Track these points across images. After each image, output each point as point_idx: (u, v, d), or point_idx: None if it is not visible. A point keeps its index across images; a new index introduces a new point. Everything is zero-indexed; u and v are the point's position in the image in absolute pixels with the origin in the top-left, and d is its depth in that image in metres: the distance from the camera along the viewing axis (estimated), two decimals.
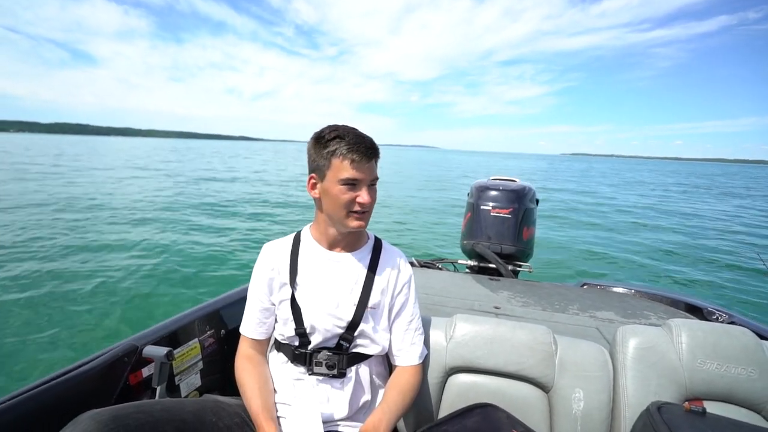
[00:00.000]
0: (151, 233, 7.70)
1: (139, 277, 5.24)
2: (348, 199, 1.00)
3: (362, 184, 1.00)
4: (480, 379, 1.21)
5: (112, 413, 0.80)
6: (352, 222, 1.03)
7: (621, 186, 29.00)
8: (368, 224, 1.07)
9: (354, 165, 0.98)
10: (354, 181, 0.99)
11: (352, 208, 1.01)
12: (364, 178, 1.00)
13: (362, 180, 1.00)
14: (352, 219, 1.03)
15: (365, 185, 1.01)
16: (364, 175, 0.99)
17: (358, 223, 1.03)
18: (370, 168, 1.01)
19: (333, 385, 1.05)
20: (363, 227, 1.05)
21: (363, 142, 0.99)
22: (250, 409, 1.00)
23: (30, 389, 0.96)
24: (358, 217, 1.03)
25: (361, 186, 1.00)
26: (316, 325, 1.05)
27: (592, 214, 13.74)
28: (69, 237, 7.07)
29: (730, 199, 23.10)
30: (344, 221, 1.03)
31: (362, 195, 1.00)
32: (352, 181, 0.99)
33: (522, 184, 3.14)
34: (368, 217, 1.05)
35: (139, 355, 1.21)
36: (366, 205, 1.01)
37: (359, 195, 1.00)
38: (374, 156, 1.01)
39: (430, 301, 2.17)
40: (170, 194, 13.59)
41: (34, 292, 4.53)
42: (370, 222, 1.07)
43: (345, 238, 1.11)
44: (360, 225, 1.04)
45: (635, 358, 1.16)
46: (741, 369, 1.10)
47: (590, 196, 20.09)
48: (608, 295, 2.56)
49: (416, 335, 1.15)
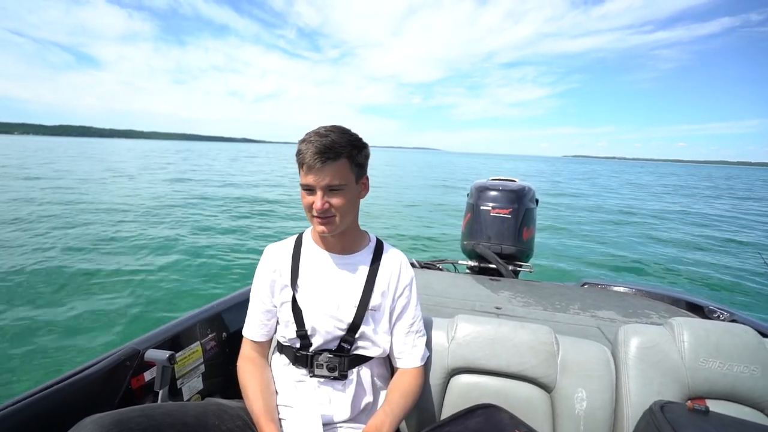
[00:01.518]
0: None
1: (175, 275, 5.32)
2: (307, 204, 1.01)
3: (316, 188, 0.98)
4: (482, 380, 1.21)
5: (115, 417, 0.80)
6: (316, 226, 1.03)
7: (622, 187, 29.02)
8: (335, 231, 1.03)
9: (305, 170, 0.98)
10: (308, 187, 0.99)
11: (312, 212, 1.01)
12: (315, 183, 0.97)
13: (314, 185, 0.98)
14: (316, 223, 1.03)
15: (320, 190, 0.98)
16: (315, 180, 0.97)
17: (321, 227, 1.02)
18: (323, 173, 0.96)
19: (334, 387, 1.05)
20: (325, 232, 1.02)
21: (314, 147, 0.95)
22: (252, 412, 1.00)
23: (32, 394, 0.96)
24: (320, 221, 1.01)
25: (315, 191, 0.99)
26: (317, 327, 1.05)
27: (593, 215, 13.74)
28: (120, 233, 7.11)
29: (730, 199, 23.13)
30: (313, 225, 1.05)
31: (316, 200, 0.98)
32: (306, 187, 0.99)
33: (522, 184, 3.14)
34: (333, 222, 1.02)
35: (141, 359, 1.21)
36: (319, 210, 0.98)
37: (314, 200, 0.99)
38: (327, 160, 0.95)
39: (431, 302, 2.17)
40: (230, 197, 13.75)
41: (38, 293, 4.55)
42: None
43: (341, 240, 1.11)
44: (322, 230, 1.02)
45: (637, 357, 1.16)
46: (743, 367, 1.10)
47: (591, 198, 20.09)
48: (609, 294, 2.56)
49: (418, 337, 1.15)
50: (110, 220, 9.05)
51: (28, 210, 9.60)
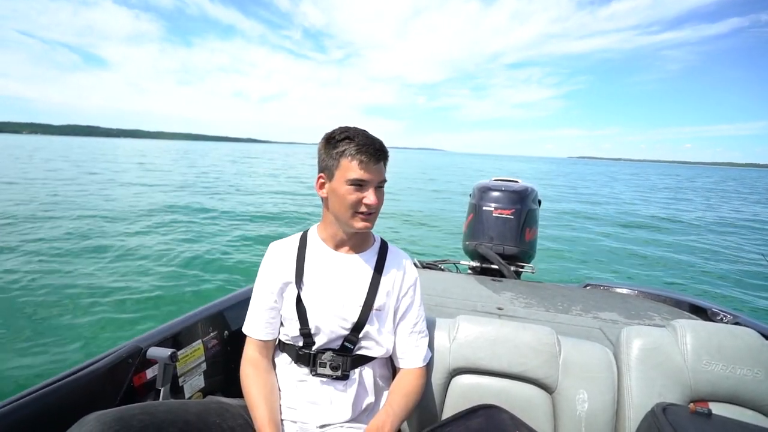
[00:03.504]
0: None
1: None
2: (354, 200, 1.01)
3: (369, 185, 1.01)
4: (483, 381, 1.21)
5: (117, 414, 0.81)
6: (357, 223, 1.04)
7: (624, 188, 28.91)
8: (372, 227, 1.07)
9: (362, 166, 0.99)
10: (361, 182, 1.00)
11: (359, 208, 1.02)
12: (372, 179, 1.01)
13: (369, 181, 1.00)
14: (358, 220, 1.03)
15: (372, 186, 1.01)
16: (372, 176, 1.00)
17: (364, 224, 1.04)
18: (378, 170, 1.02)
19: (336, 387, 1.05)
20: (368, 228, 1.06)
21: (372, 144, 1.00)
22: (254, 419, 0.99)
23: (35, 391, 0.97)
24: (364, 218, 1.03)
25: (368, 187, 1.01)
26: (321, 325, 1.05)
27: (594, 216, 13.70)
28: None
29: (733, 201, 23.02)
30: (350, 221, 1.04)
31: (369, 196, 1.01)
32: (360, 182, 1.00)
33: (524, 184, 3.13)
34: (374, 219, 1.06)
35: (143, 357, 1.21)
36: (372, 206, 1.02)
37: (366, 196, 1.01)
38: (383, 158, 1.03)
39: (433, 302, 2.17)
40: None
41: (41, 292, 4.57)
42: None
43: (351, 239, 1.11)
44: (365, 226, 1.05)
45: (640, 359, 1.15)
46: (746, 370, 1.09)
47: (592, 199, 20.02)
48: (611, 295, 2.55)
49: (420, 338, 1.15)
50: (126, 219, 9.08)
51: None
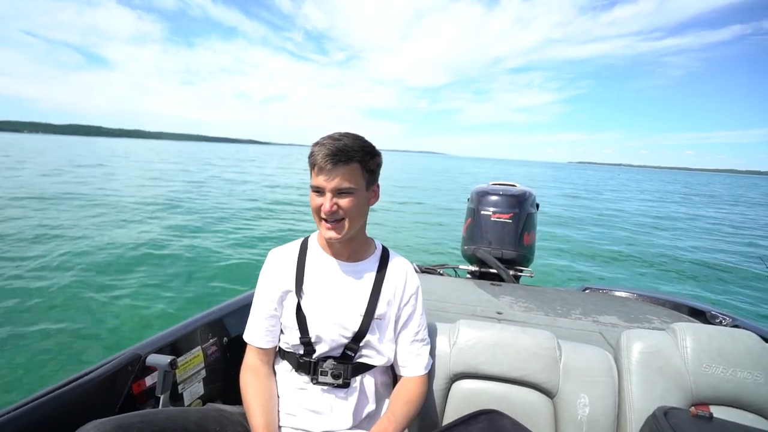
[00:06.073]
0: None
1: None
2: (315, 206, 1.01)
3: (326, 190, 0.98)
4: (484, 385, 1.21)
5: (116, 423, 0.80)
6: (323, 230, 1.03)
7: (624, 193, 29.02)
8: (343, 236, 1.02)
9: (317, 171, 0.98)
10: (318, 189, 0.99)
11: (320, 215, 1.01)
12: (325, 185, 0.98)
13: (323, 187, 0.98)
14: (323, 227, 1.02)
15: (329, 192, 0.98)
16: (325, 181, 0.97)
17: (328, 233, 1.01)
18: (333, 174, 0.97)
19: (337, 395, 1.04)
20: (333, 238, 1.02)
21: (327, 149, 0.96)
22: (252, 427, 0.98)
23: (33, 399, 0.96)
24: (328, 226, 1.01)
25: (324, 193, 0.99)
26: (321, 334, 1.04)
27: (594, 219, 13.74)
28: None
29: (733, 206, 23.11)
30: (320, 229, 1.04)
31: (324, 203, 0.98)
32: (316, 188, 1.00)
33: (522, 189, 3.14)
34: (342, 228, 1.01)
35: (142, 364, 1.20)
36: (327, 213, 0.98)
37: (322, 203, 0.99)
38: (338, 162, 0.96)
39: (432, 307, 2.17)
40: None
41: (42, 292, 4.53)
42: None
43: (348, 246, 1.10)
44: (331, 236, 1.01)
45: (640, 362, 1.15)
46: (747, 373, 1.09)
47: (593, 202, 20.08)
48: (611, 299, 2.55)
49: (422, 346, 1.14)
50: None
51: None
